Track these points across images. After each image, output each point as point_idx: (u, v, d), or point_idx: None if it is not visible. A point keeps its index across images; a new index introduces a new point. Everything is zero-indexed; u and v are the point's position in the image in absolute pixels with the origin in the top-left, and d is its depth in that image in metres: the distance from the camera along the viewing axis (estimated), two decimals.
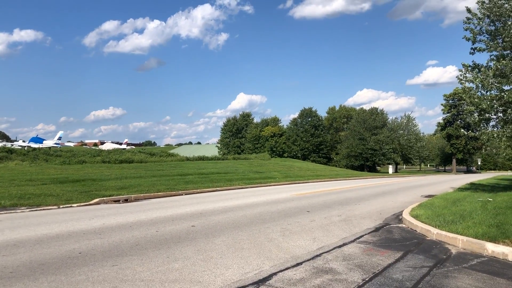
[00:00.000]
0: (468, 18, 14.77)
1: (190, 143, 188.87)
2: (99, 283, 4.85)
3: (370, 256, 6.37)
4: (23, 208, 11.91)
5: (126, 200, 14.59)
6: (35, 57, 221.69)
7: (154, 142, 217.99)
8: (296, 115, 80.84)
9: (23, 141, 66.44)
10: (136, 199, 15.01)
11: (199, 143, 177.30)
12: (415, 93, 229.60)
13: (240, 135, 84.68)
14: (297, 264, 5.80)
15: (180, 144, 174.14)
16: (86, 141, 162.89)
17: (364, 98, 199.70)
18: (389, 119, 78.16)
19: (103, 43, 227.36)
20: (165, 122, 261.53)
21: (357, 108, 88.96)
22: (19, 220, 9.75)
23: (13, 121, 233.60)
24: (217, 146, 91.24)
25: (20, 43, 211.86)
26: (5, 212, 11.08)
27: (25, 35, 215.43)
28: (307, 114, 78.08)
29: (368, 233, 8.44)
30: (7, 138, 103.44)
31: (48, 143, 62.49)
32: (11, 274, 5.15)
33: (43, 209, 11.87)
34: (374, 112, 75.38)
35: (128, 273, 5.27)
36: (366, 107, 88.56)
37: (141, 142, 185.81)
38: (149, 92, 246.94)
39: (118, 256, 6.15)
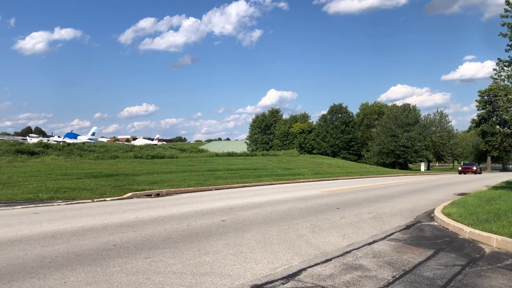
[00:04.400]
0: (506, 10, 14.25)
1: (220, 139, 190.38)
2: (133, 274, 4.99)
3: (400, 253, 6.31)
4: (59, 201, 12.35)
5: (157, 195, 14.88)
6: (73, 54, 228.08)
7: (185, 138, 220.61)
8: (326, 112, 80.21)
9: (58, 137, 68.61)
10: (168, 194, 15.29)
11: (228, 139, 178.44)
12: (450, 89, 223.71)
13: (269, 132, 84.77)
14: (327, 260, 5.80)
15: (209, 140, 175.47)
16: (119, 137, 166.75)
17: (397, 94, 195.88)
18: (421, 116, 76.54)
19: (139, 41, 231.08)
20: (196, 119, 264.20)
21: (390, 104, 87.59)
22: (56, 213, 10.11)
23: (50, 117, 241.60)
24: (246, 142, 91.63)
25: (60, 41, 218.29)
26: (42, 205, 11.53)
27: (65, 33, 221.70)
28: (337, 110, 77.35)
29: (399, 230, 8.34)
30: (43, 134, 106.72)
31: (82, 138, 64.28)
32: (50, 264, 5.37)
33: (78, 203, 12.26)
34: (407, 108, 73.97)
35: (161, 265, 5.41)
36: (400, 103, 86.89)
37: (171, 138, 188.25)
38: (181, 89, 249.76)
39: (150, 249, 6.30)
